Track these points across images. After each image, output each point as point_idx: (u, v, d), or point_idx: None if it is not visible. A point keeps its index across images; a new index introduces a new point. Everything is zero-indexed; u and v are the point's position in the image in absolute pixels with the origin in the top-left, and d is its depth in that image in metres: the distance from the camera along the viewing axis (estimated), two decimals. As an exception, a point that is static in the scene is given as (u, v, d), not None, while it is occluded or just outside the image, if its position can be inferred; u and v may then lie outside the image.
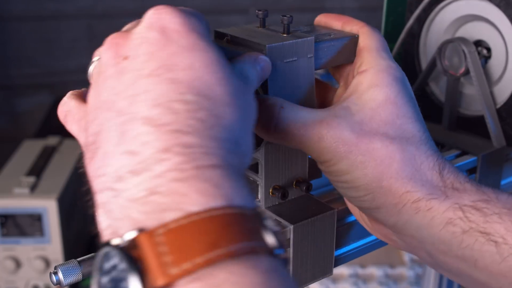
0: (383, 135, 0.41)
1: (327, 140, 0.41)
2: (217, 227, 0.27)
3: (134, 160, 0.30)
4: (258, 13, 0.46)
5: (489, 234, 0.39)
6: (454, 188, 0.41)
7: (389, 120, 0.42)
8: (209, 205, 0.28)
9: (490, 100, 0.60)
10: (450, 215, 0.40)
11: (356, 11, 1.89)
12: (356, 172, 0.41)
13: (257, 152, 0.46)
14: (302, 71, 0.44)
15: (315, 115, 0.42)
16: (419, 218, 0.41)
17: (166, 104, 0.31)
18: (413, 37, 0.66)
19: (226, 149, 0.31)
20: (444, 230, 0.40)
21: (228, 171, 0.30)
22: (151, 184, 0.29)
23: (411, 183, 0.41)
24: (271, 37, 0.44)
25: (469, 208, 0.40)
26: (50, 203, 1.02)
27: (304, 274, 0.46)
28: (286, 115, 0.42)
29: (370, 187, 0.41)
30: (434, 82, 0.66)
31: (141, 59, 0.33)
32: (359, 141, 0.41)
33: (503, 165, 0.60)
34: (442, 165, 0.42)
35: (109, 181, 0.30)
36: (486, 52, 0.61)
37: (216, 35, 0.46)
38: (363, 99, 0.42)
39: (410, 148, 0.42)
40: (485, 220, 0.40)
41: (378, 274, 1.21)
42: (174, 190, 0.28)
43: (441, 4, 0.63)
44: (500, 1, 0.58)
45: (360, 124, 0.41)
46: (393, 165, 0.41)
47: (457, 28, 0.63)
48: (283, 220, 0.45)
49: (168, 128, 0.30)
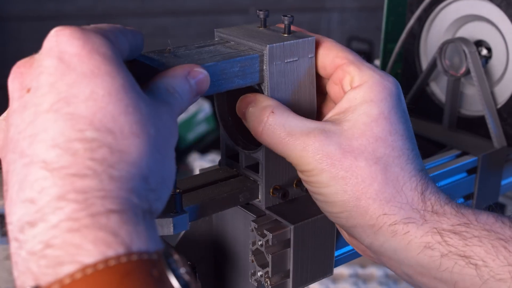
0: (370, 153, 0.41)
1: (310, 151, 0.40)
2: (114, 277, 0.26)
3: (32, 209, 0.29)
4: (259, 13, 0.46)
5: (469, 257, 0.39)
6: (434, 211, 0.41)
7: (381, 136, 0.41)
8: (105, 255, 0.27)
9: (491, 100, 0.60)
10: (428, 240, 0.40)
11: (356, 11, 1.89)
12: (335, 187, 0.40)
13: (257, 152, 0.46)
14: (303, 71, 0.44)
15: (303, 125, 0.41)
16: (396, 241, 0.40)
17: (64, 144, 0.29)
18: (413, 37, 0.66)
19: (128, 189, 0.30)
20: (422, 254, 0.40)
21: (128, 214, 0.29)
22: (46, 236, 0.28)
23: (389, 205, 0.40)
24: (272, 37, 0.44)
25: (448, 232, 0.40)
26: (50, 203, 1.02)
27: (305, 274, 0.46)
28: (274, 121, 0.41)
29: (347, 205, 0.41)
30: (434, 82, 0.66)
31: (41, 91, 0.31)
32: (343, 157, 0.40)
33: (503, 165, 0.60)
34: (425, 185, 0.42)
35: (14, 231, 0.29)
36: (486, 52, 0.61)
37: (218, 36, 0.46)
38: (356, 114, 0.41)
39: (395, 169, 0.41)
40: (464, 243, 0.39)
41: (378, 274, 1.21)
42: (69, 242, 0.27)
43: (442, 4, 0.63)
44: (501, 1, 0.58)
45: (350, 139, 0.41)
46: (373, 185, 0.40)
47: (458, 28, 0.63)
48: (283, 220, 0.45)
49: (64, 172, 0.29)
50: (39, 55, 0.33)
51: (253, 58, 0.42)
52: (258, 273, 0.46)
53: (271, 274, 0.45)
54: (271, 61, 0.42)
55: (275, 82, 0.43)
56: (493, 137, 0.60)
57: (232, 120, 0.48)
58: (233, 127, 0.48)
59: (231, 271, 0.52)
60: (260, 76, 0.43)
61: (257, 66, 0.42)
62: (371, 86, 0.42)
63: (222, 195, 0.45)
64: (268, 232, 0.44)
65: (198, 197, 0.45)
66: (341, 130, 0.41)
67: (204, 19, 1.80)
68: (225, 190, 0.46)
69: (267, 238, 0.44)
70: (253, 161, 0.47)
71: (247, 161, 0.48)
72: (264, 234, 0.44)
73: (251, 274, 0.46)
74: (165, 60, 0.40)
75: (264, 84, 0.43)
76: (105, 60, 0.32)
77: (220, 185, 0.47)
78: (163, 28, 1.83)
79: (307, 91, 0.45)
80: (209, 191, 0.45)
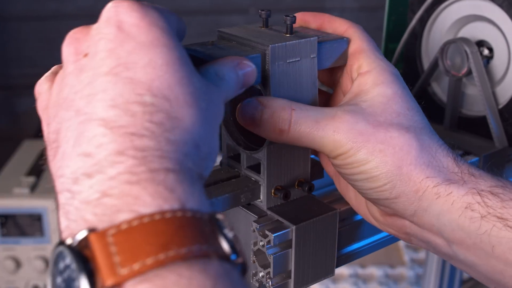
0: (397, 124, 0.42)
1: (343, 132, 0.41)
2: (169, 229, 0.27)
3: (88, 162, 0.30)
4: (261, 13, 0.46)
5: (506, 220, 0.40)
6: (470, 173, 0.42)
7: (401, 112, 0.43)
8: (161, 208, 0.28)
9: (492, 100, 0.60)
10: (469, 200, 0.41)
11: (356, 11, 1.89)
12: (375, 160, 0.42)
13: (259, 153, 0.45)
14: (305, 72, 0.44)
15: (325, 112, 0.43)
16: (439, 204, 0.41)
17: (123, 105, 0.31)
18: (415, 37, 0.66)
19: (183, 152, 0.31)
20: (463, 215, 0.41)
21: (184, 175, 0.30)
22: (103, 186, 0.29)
23: (429, 169, 0.42)
24: (274, 37, 0.44)
25: (486, 193, 0.41)
26: (50, 203, 1.02)
27: (306, 275, 0.46)
28: (299, 115, 0.42)
29: (390, 175, 0.42)
30: (436, 82, 0.66)
31: (99, 56, 0.33)
32: (376, 131, 0.42)
33: (505, 166, 0.60)
34: (454, 153, 0.43)
35: (67, 183, 0.30)
36: (488, 52, 0.61)
37: (220, 36, 0.46)
38: (371, 96, 0.43)
39: (424, 137, 0.43)
40: (502, 205, 0.40)
41: (378, 274, 1.21)
42: (127, 192, 0.28)
43: (443, 4, 0.63)
44: (503, 1, 0.58)
45: (374, 116, 0.42)
46: (411, 152, 0.42)
47: (459, 28, 0.63)
48: (285, 220, 0.45)
49: (123, 130, 0.30)
50: (97, 24, 0.35)
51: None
52: (259, 273, 0.46)
53: (273, 274, 0.45)
54: (273, 61, 0.42)
55: (277, 82, 0.43)
56: (494, 138, 0.59)
57: (233, 120, 0.47)
58: (234, 127, 0.48)
59: (232, 271, 0.52)
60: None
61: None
62: (379, 71, 0.44)
63: (223, 196, 0.45)
64: (269, 233, 0.44)
65: (199, 197, 0.44)
66: (362, 109, 0.42)
67: (204, 19, 1.80)
68: (226, 191, 0.46)
69: (268, 238, 0.44)
70: (255, 162, 0.47)
71: (249, 161, 0.47)
72: (266, 234, 0.44)
73: (252, 274, 0.46)
74: (210, 51, 0.41)
75: (266, 84, 0.43)
76: (163, 32, 0.33)
77: (222, 185, 0.47)
78: (163, 28, 1.82)
79: (309, 92, 0.45)
80: (210, 191, 0.45)
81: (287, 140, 0.43)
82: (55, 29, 1.76)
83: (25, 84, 1.80)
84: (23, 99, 1.82)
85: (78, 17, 1.78)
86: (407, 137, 0.42)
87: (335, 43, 0.46)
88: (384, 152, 0.41)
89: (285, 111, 0.42)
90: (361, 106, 0.43)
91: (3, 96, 1.82)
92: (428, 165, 0.42)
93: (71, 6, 1.77)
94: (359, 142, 0.41)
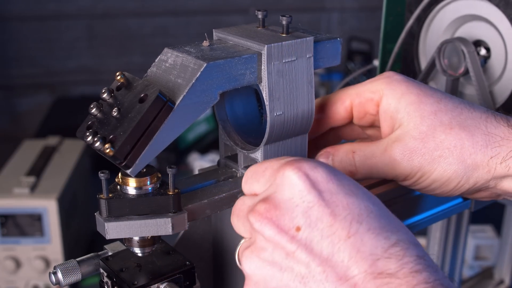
0: (439, 126, 0.44)
1: (398, 157, 0.44)
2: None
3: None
4: (257, 13, 0.46)
5: None
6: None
7: (434, 109, 0.45)
8: None
9: (490, 100, 0.60)
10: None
11: (356, 11, 1.89)
12: (440, 166, 0.44)
13: (256, 153, 0.46)
14: (301, 71, 0.44)
15: (378, 145, 0.45)
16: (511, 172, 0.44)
17: (383, 254, 0.35)
18: (412, 37, 0.66)
19: None
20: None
21: None
22: None
23: (489, 148, 0.44)
24: (270, 37, 0.44)
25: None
26: (50, 203, 1.02)
27: (304, 274, 0.46)
28: (359, 156, 0.45)
29: (460, 172, 0.44)
30: (433, 82, 0.66)
31: (324, 222, 0.35)
32: (425, 142, 0.44)
33: (502, 165, 0.60)
34: (499, 117, 0.45)
35: None
36: (485, 52, 0.61)
37: (217, 36, 0.46)
38: (402, 113, 0.45)
39: (467, 121, 0.44)
40: None
41: (378, 274, 1.20)
42: None
43: (441, 4, 0.63)
44: (500, 1, 0.58)
45: (415, 129, 0.44)
46: (464, 143, 0.44)
47: (457, 28, 0.63)
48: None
49: None
50: (274, 193, 0.37)
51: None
52: (256, 272, 0.46)
53: (270, 273, 0.45)
54: (269, 61, 0.42)
55: (274, 81, 0.43)
56: (492, 137, 0.60)
57: (231, 120, 0.48)
58: (232, 127, 0.48)
59: (230, 271, 0.52)
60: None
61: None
62: (389, 89, 0.46)
63: (221, 195, 0.45)
64: (266, 232, 0.44)
65: (197, 197, 0.45)
66: (401, 131, 0.45)
67: (204, 19, 1.80)
68: (224, 190, 0.46)
69: (265, 237, 0.44)
70: (252, 161, 0.47)
71: (246, 161, 0.48)
72: (263, 233, 0.44)
73: (249, 273, 0.46)
74: (205, 53, 0.42)
75: (263, 84, 0.43)
76: (356, 185, 0.38)
77: (219, 185, 0.47)
78: (163, 28, 1.83)
79: (305, 91, 0.45)
80: (208, 191, 0.45)
81: (361, 176, 0.46)
82: (55, 29, 1.76)
83: (25, 84, 1.81)
84: (23, 99, 1.82)
85: (78, 17, 1.78)
86: (452, 133, 0.44)
87: (329, 43, 0.46)
88: (442, 156, 0.44)
89: (347, 156, 0.46)
90: (400, 129, 0.45)
91: (3, 96, 1.82)
92: (486, 146, 0.44)
93: (71, 6, 1.77)
94: (416, 160, 0.44)
